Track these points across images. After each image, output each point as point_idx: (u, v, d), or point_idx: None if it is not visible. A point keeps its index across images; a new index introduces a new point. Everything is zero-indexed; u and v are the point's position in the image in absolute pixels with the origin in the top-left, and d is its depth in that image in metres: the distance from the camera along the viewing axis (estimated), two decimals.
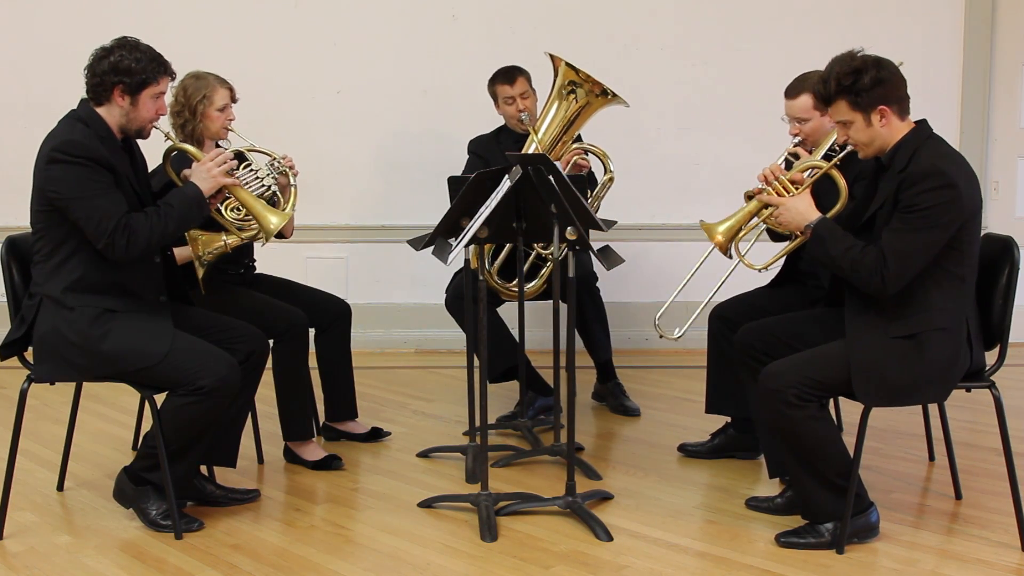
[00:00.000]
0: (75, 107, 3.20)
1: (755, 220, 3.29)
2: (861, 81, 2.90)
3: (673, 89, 5.63)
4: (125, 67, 3.12)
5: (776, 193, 3.19)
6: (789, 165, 3.43)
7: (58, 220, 3.11)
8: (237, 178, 3.38)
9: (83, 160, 3.05)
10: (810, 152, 3.50)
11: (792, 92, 3.59)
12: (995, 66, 5.70)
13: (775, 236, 3.55)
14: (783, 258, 3.81)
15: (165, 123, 3.28)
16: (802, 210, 3.10)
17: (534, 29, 5.61)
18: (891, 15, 5.60)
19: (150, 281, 3.24)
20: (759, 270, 3.33)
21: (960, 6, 5.66)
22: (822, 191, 3.21)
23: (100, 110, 3.17)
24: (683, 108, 5.66)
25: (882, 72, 2.92)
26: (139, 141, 3.32)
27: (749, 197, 3.28)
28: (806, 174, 3.24)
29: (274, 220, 3.40)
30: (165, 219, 3.14)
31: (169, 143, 3.34)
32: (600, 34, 5.62)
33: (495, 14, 5.67)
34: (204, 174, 3.25)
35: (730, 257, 3.31)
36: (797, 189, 3.18)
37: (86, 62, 3.18)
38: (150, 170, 3.47)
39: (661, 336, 3.47)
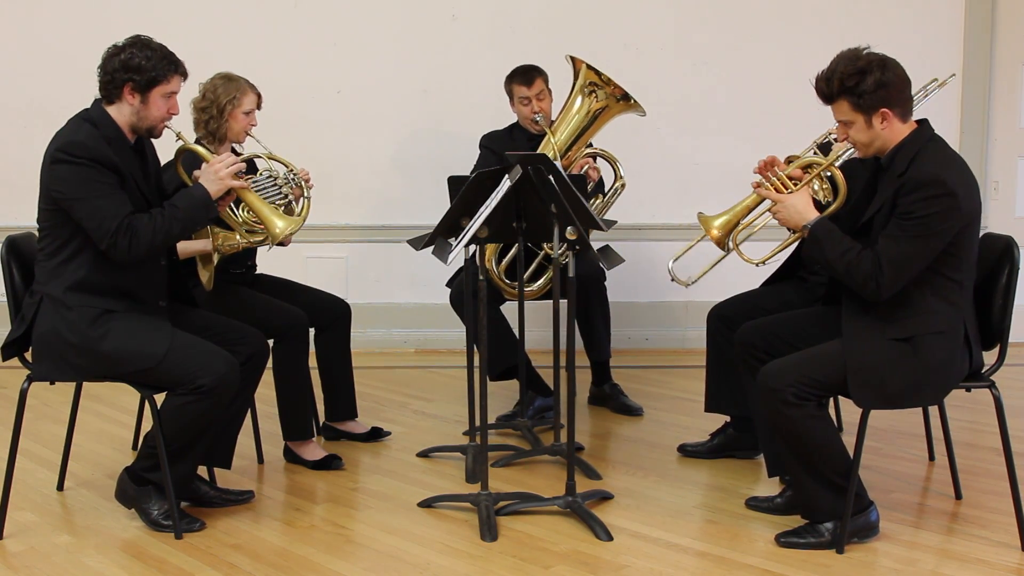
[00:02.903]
0: (88, 106, 3.20)
1: (752, 214, 3.27)
2: (864, 83, 2.87)
3: (673, 89, 5.63)
4: (135, 65, 3.11)
5: (775, 189, 3.18)
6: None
7: (63, 219, 3.11)
8: (250, 182, 3.39)
9: (86, 161, 3.04)
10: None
11: None
12: (995, 66, 5.70)
13: None
14: (782, 253, 3.84)
15: (177, 123, 3.27)
16: (800, 209, 3.08)
17: (534, 29, 5.61)
18: (891, 15, 5.60)
19: (152, 285, 3.24)
20: (757, 264, 3.30)
21: (960, 6, 5.66)
22: (851, 175, 3.18)
23: (111, 109, 3.17)
24: (683, 108, 5.66)
25: (886, 75, 2.88)
26: (155, 143, 3.33)
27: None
28: (805, 170, 3.22)
29: (280, 224, 3.41)
30: (170, 221, 3.13)
31: (180, 143, 3.34)
32: (600, 34, 5.62)
33: (495, 14, 5.67)
34: (212, 176, 3.24)
35: (727, 252, 3.30)
36: (796, 185, 3.18)
37: (95, 62, 3.17)
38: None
39: (673, 279, 3.38)
